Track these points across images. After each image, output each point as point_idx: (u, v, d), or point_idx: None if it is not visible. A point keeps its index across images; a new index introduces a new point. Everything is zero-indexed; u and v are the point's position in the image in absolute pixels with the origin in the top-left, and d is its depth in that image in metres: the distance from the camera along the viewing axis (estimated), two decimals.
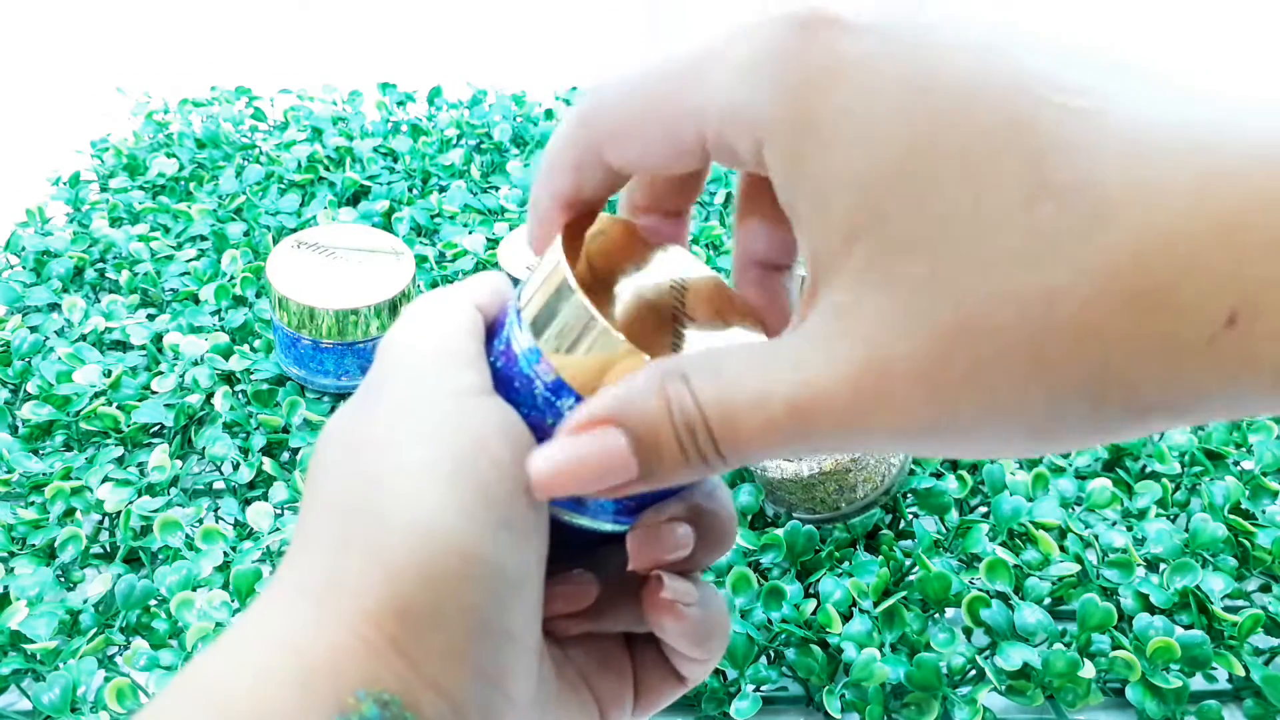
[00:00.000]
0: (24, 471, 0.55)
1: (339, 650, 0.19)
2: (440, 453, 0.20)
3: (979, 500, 0.56)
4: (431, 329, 0.22)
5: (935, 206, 0.16)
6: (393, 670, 0.19)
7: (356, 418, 0.21)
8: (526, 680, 0.21)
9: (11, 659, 0.46)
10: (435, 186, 0.80)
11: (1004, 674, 0.46)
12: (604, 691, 0.25)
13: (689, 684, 0.26)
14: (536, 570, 0.21)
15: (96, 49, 1.13)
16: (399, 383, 0.21)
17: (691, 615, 0.23)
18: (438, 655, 0.19)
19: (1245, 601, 0.51)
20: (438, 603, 0.19)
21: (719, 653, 0.25)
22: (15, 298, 0.67)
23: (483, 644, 0.20)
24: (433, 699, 0.19)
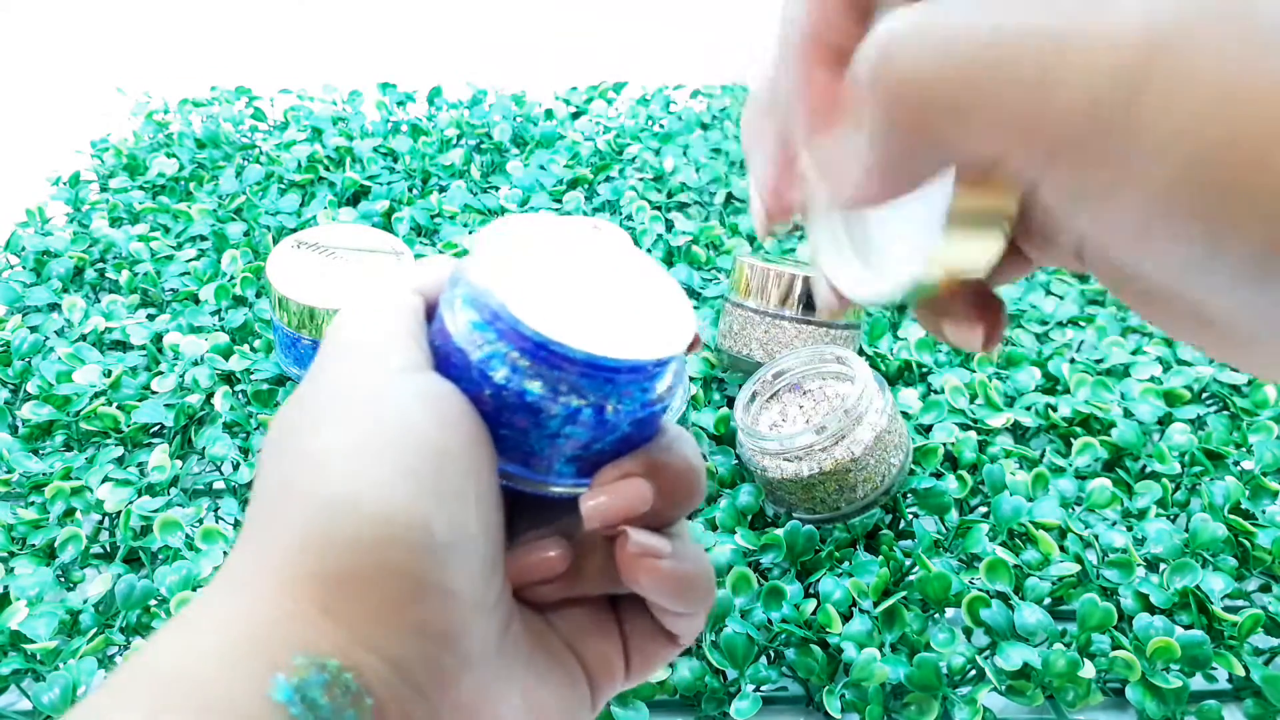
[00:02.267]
0: (24, 471, 0.55)
1: (272, 622, 0.19)
2: (364, 427, 0.21)
3: (979, 500, 0.56)
4: (369, 314, 0.23)
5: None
6: (326, 636, 0.19)
7: (294, 404, 0.22)
8: (480, 639, 0.21)
9: (11, 659, 0.46)
10: (435, 186, 0.80)
11: (1004, 674, 0.46)
12: (592, 658, 0.25)
13: (680, 642, 0.26)
14: (479, 531, 0.21)
15: (96, 49, 1.13)
16: (333, 366, 0.22)
17: (665, 568, 0.23)
18: (369, 617, 0.19)
19: (1245, 601, 0.51)
20: (361, 567, 0.19)
21: (703, 605, 0.25)
22: (15, 298, 0.67)
23: (418, 603, 0.20)
24: (371, 660, 0.19)
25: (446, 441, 0.21)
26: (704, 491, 0.25)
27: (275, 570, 0.20)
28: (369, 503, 0.20)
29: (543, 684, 0.23)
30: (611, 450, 0.24)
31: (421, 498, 0.20)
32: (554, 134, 0.87)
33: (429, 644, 0.20)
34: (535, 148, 0.86)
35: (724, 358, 0.63)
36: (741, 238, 0.76)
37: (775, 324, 0.60)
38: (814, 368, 0.56)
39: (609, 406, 0.23)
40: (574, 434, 0.23)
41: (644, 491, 0.23)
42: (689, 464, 0.24)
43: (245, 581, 0.20)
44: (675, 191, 0.81)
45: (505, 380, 0.22)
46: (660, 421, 0.25)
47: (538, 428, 0.23)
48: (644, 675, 0.26)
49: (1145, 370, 0.64)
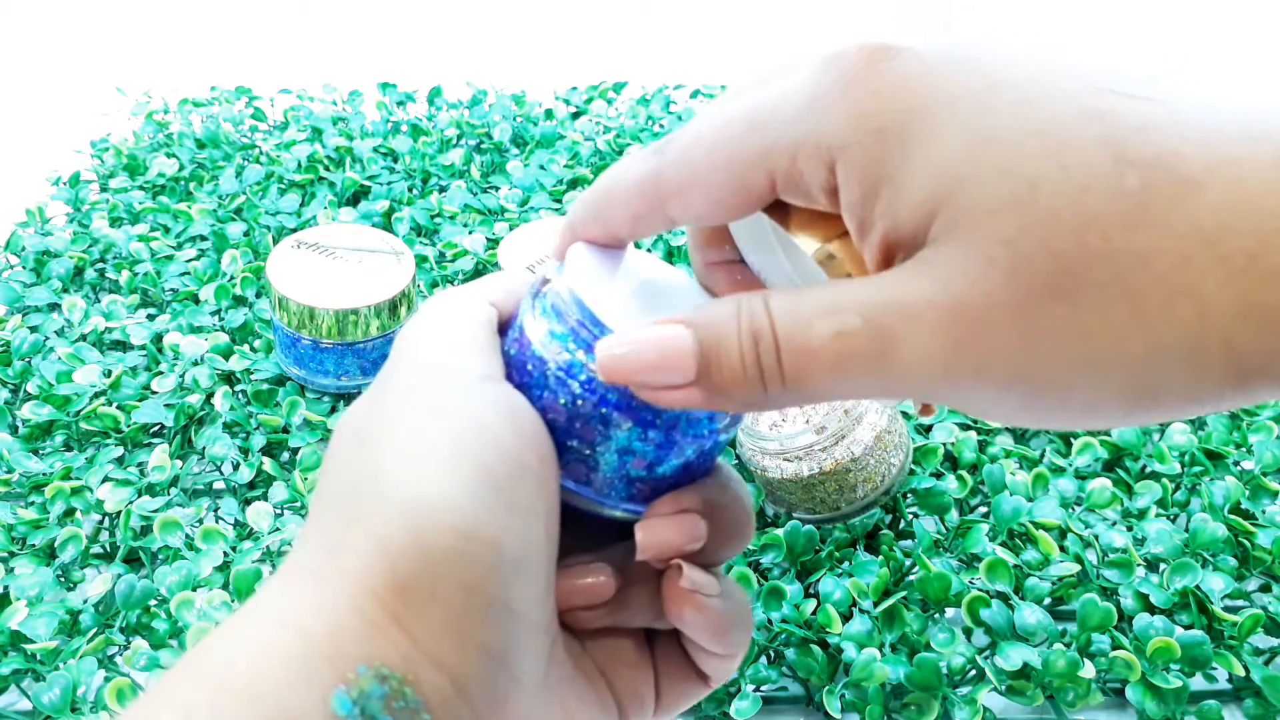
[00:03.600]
0: (24, 471, 0.55)
1: (339, 627, 0.19)
2: (441, 435, 0.20)
3: (979, 500, 0.56)
4: (442, 321, 0.23)
5: (1021, 172, 0.16)
6: (393, 645, 0.19)
7: (366, 407, 0.22)
8: (533, 659, 0.21)
9: (11, 659, 0.46)
10: (435, 186, 0.80)
11: (1004, 674, 0.46)
12: (623, 688, 0.25)
13: (712, 684, 0.26)
14: (543, 550, 0.21)
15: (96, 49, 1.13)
16: (407, 372, 0.22)
17: (713, 606, 0.23)
18: (437, 630, 0.19)
19: (1245, 601, 0.51)
20: (435, 579, 0.19)
21: (742, 648, 0.24)
22: (15, 298, 0.67)
23: (483, 620, 0.20)
24: (432, 673, 0.19)
25: (523, 454, 0.21)
26: (751, 536, 0.25)
27: (349, 574, 0.19)
28: (448, 513, 0.19)
29: (582, 706, 0.23)
30: (672, 477, 0.24)
31: (497, 511, 0.20)
32: (554, 134, 0.87)
33: (489, 662, 0.20)
34: (535, 148, 0.86)
35: None
36: None
37: None
38: None
39: (678, 426, 0.23)
40: (641, 451, 0.23)
41: (700, 530, 0.23)
42: (744, 507, 0.24)
43: (316, 580, 0.20)
44: None
45: (582, 389, 0.22)
46: (718, 456, 0.25)
47: (606, 440, 0.23)
48: (671, 712, 0.26)
49: None
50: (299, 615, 0.19)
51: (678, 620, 0.23)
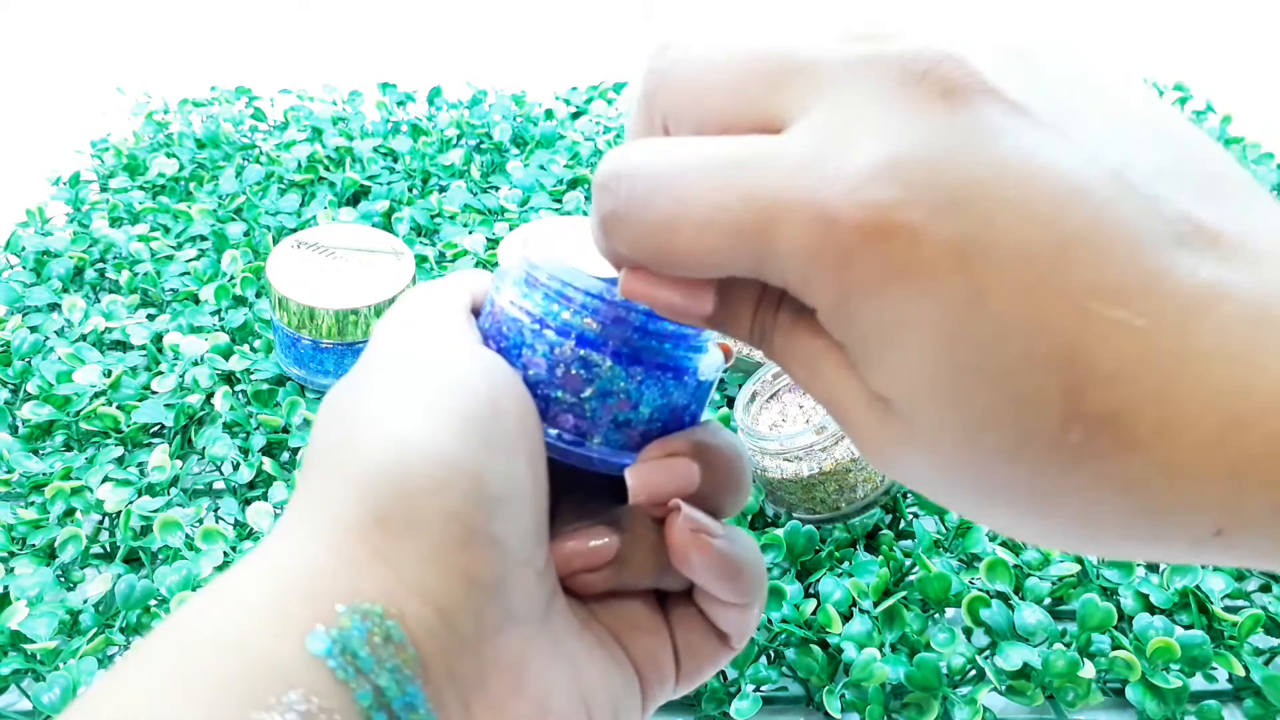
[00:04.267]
0: (24, 471, 0.55)
1: (316, 567, 0.19)
2: (419, 384, 0.21)
3: None
4: (419, 303, 0.24)
5: (972, 411, 0.16)
6: (373, 579, 0.19)
7: (350, 375, 0.23)
8: (527, 596, 0.21)
9: (11, 659, 0.46)
10: (435, 186, 0.80)
11: (1004, 674, 0.46)
12: (641, 655, 0.24)
13: (732, 644, 0.25)
14: (528, 490, 0.21)
15: (96, 49, 1.13)
16: (388, 338, 0.23)
17: (718, 547, 0.23)
18: (418, 558, 0.19)
19: (1245, 601, 0.51)
20: (414, 507, 0.20)
21: (755, 597, 0.24)
22: (15, 298, 0.67)
23: (465, 547, 0.20)
24: (416, 606, 0.19)
25: (501, 400, 0.22)
26: (750, 488, 0.25)
27: (329, 516, 0.20)
28: (423, 446, 0.20)
29: (591, 662, 0.23)
30: (660, 422, 0.24)
31: (474, 447, 0.20)
32: (554, 134, 0.87)
33: (476, 592, 0.20)
34: (535, 148, 0.86)
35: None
36: None
37: None
38: None
39: (659, 362, 0.23)
40: (625, 391, 0.23)
41: (691, 471, 0.23)
42: (736, 452, 0.24)
43: (297, 529, 0.20)
44: None
45: (558, 334, 0.23)
46: (705, 404, 0.25)
47: (589, 383, 0.23)
48: (695, 679, 0.25)
49: None
50: (276, 563, 0.19)
51: (683, 564, 0.23)
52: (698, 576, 0.23)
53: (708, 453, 0.24)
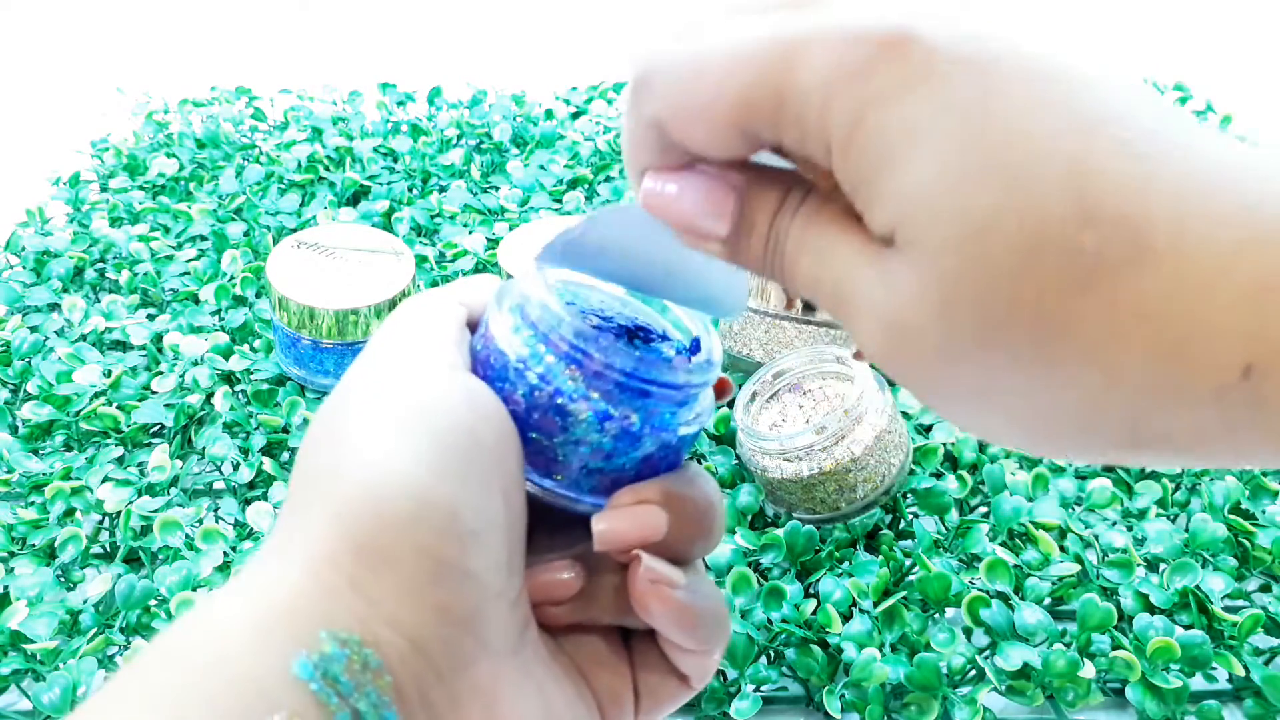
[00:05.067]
0: (24, 471, 0.55)
1: (297, 594, 0.20)
2: (398, 413, 0.21)
3: (979, 500, 0.56)
4: (413, 317, 0.24)
5: (978, 217, 0.16)
6: (350, 609, 0.20)
7: (335, 396, 0.23)
8: (501, 628, 0.22)
9: (11, 659, 0.46)
10: (435, 186, 0.80)
11: (1004, 674, 0.46)
12: (602, 689, 0.25)
13: (692, 685, 0.26)
14: (501, 523, 0.22)
15: (96, 49, 1.12)
16: (375, 360, 0.23)
17: (677, 599, 0.23)
18: (394, 592, 0.20)
19: (1245, 601, 0.51)
20: (390, 542, 0.20)
21: (715, 645, 0.24)
22: (15, 298, 0.67)
23: (439, 582, 0.20)
24: (390, 635, 0.20)
25: (479, 431, 0.22)
26: (721, 534, 0.25)
27: (308, 543, 0.20)
28: (400, 481, 0.20)
29: (560, 693, 0.23)
30: (633, 470, 0.24)
31: (450, 481, 0.21)
32: (554, 134, 0.87)
33: (449, 625, 0.20)
34: (535, 148, 0.86)
35: (724, 358, 0.63)
36: None
37: (775, 324, 0.60)
38: (814, 368, 0.56)
39: (635, 419, 0.23)
40: (598, 443, 0.23)
41: (658, 520, 0.23)
42: (709, 501, 0.24)
43: (278, 555, 0.20)
44: None
45: (539, 379, 0.23)
46: (684, 453, 0.25)
47: (564, 431, 0.23)
48: (653, 715, 0.26)
49: None
50: (260, 587, 0.20)
51: (643, 612, 0.23)
52: (657, 624, 0.24)
53: (678, 502, 0.24)
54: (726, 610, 0.25)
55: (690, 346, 0.26)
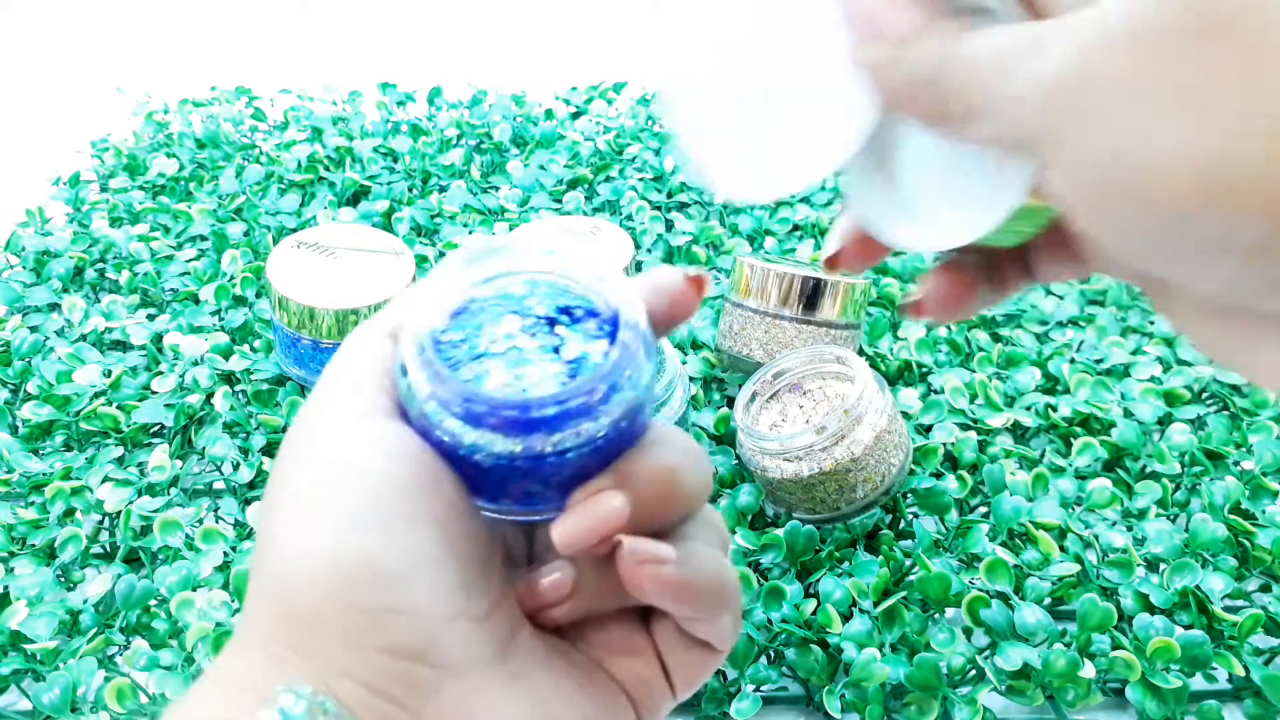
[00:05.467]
0: (24, 471, 0.55)
1: (252, 666, 0.21)
2: (315, 475, 0.22)
3: (979, 500, 0.56)
4: (340, 364, 0.24)
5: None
6: (297, 670, 0.21)
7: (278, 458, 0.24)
8: (463, 649, 0.22)
9: (11, 659, 0.46)
10: (435, 186, 0.80)
11: (1004, 674, 0.46)
12: (627, 678, 0.25)
13: (717, 650, 0.25)
14: (435, 552, 0.22)
15: (96, 49, 1.12)
16: (302, 418, 0.24)
17: (669, 574, 0.23)
18: (333, 648, 0.21)
19: (1245, 601, 0.51)
20: (312, 608, 0.21)
21: (724, 608, 0.24)
22: (15, 298, 0.67)
23: (376, 629, 0.21)
24: (343, 682, 0.21)
25: (393, 474, 0.22)
26: (705, 483, 0.24)
27: (251, 625, 0.22)
28: (308, 553, 0.21)
29: (559, 693, 0.23)
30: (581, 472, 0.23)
31: (367, 534, 0.21)
32: (554, 134, 0.87)
33: (399, 662, 0.21)
34: (535, 148, 0.86)
35: (724, 358, 0.63)
36: (742, 238, 0.76)
37: (775, 324, 0.60)
38: (814, 368, 0.56)
39: (544, 448, 0.22)
40: (521, 478, 0.23)
41: (615, 504, 0.23)
42: (662, 465, 0.23)
43: (237, 637, 0.22)
44: (675, 191, 0.81)
45: (442, 435, 0.22)
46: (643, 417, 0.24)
47: (485, 474, 0.23)
48: (692, 686, 0.25)
49: (1145, 370, 0.64)
50: (223, 669, 0.22)
51: (639, 593, 0.23)
52: (656, 602, 0.23)
53: (636, 478, 0.23)
54: (729, 570, 0.24)
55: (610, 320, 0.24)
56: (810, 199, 0.80)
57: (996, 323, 0.68)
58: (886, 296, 0.69)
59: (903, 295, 0.36)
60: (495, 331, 0.24)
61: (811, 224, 0.76)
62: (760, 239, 0.76)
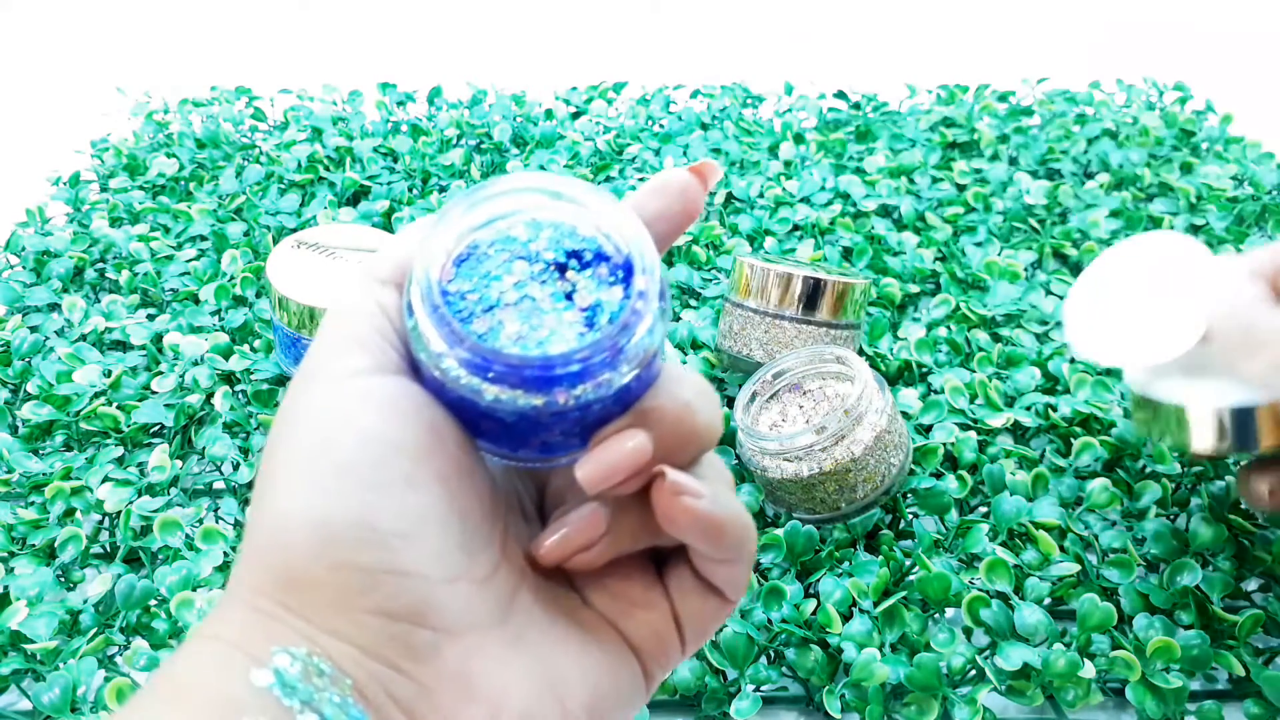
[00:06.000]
0: (24, 471, 0.55)
1: (245, 627, 0.21)
2: (306, 437, 0.22)
3: (979, 500, 0.56)
4: (328, 324, 0.24)
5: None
6: (290, 629, 0.21)
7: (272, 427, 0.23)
8: (466, 608, 0.22)
9: (11, 659, 0.46)
10: (435, 186, 0.80)
11: (1004, 674, 0.46)
12: (638, 631, 0.25)
13: (730, 599, 0.25)
14: (441, 510, 0.22)
15: (96, 49, 1.13)
16: (295, 385, 0.23)
17: (704, 507, 0.23)
18: (326, 609, 0.21)
19: (1245, 601, 0.51)
20: (305, 568, 0.21)
21: (745, 551, 0.24)
22: (15, 298, 0.67)
23: (372, 590, 0.21)
24: (337, 644, 0.21)
25: (389, 431, 0.22)
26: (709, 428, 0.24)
27: (245, 585, 0.21)
28: (299, 513, 0.21)
29: (564, 654, 0.23)
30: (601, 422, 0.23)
31: (368, 492, 0.21)
32: (554, 134, 0.87)
33: (394, 624, 0.21)
34: (535, 148, 0.86)
35: (724, 358, 0.63)
36: (742, 238, 0.76)
37: (775, 324, 0.60)
38: (814, 368, 0.56)
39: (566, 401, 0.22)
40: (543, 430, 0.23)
41: (639, 441, 0.23)
42: (681, 403, 0.23)
43: (228, 597, 0.22)
44: None
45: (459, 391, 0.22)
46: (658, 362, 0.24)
47: (506, 428, 0.23)
48: (700, 639, 0.26)
49: None
50: (214, 628, 0.21)
51: (671, 527, 0.23)
52: (686, 536, 0.23)
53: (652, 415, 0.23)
54: (750, 518, 0.24)
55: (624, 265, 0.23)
56: (810, 199, 0.80)
57: (996, 323, 0.68)
58: (886, 296, 0.69)
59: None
60: (505, 280, 0.23)
61: (811, 224, 0.76)
62: (760, 239, 0.76)
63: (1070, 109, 0.92)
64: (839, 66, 1.06)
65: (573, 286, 0.23)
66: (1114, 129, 0.89)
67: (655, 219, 0.25)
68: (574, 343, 0.22)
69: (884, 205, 0.79)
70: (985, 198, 0.79)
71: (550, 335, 0.22)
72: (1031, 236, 0.76)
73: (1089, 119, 0.90)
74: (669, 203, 0.25)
